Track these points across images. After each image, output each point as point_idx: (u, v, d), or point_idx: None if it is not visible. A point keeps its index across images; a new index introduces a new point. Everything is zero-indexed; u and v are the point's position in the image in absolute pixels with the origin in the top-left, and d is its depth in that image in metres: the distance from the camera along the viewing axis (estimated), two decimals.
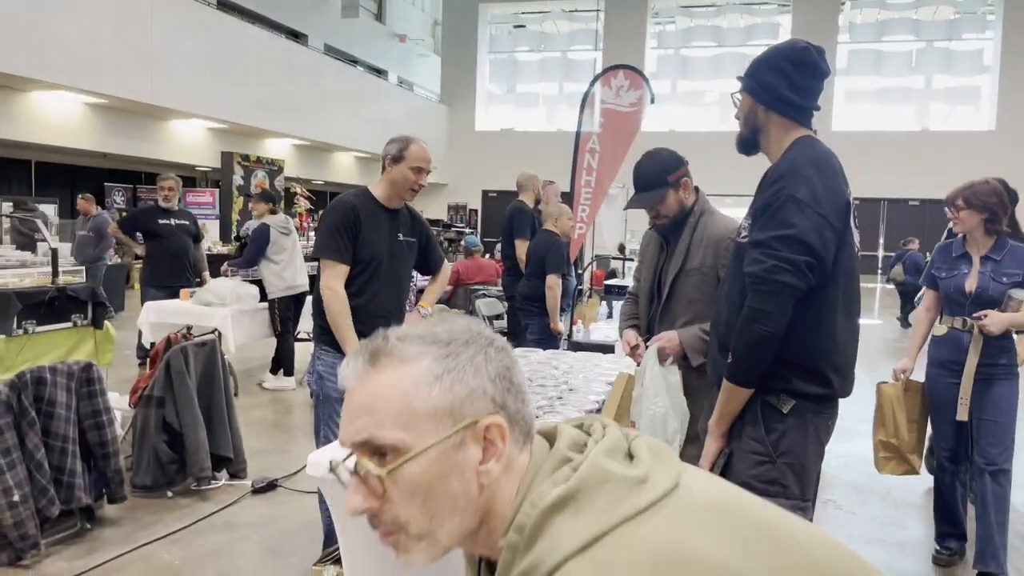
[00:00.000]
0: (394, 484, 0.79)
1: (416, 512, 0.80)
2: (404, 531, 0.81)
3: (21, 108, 11.25)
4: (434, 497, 0.80)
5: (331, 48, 19.57)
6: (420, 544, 0.82)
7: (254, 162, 15.44)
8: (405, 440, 0.79)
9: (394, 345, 0.83)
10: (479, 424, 0.81)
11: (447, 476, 0.80)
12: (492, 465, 0.82)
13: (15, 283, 4.45)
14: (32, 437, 3.20)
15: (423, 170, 3.08)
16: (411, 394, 0.80)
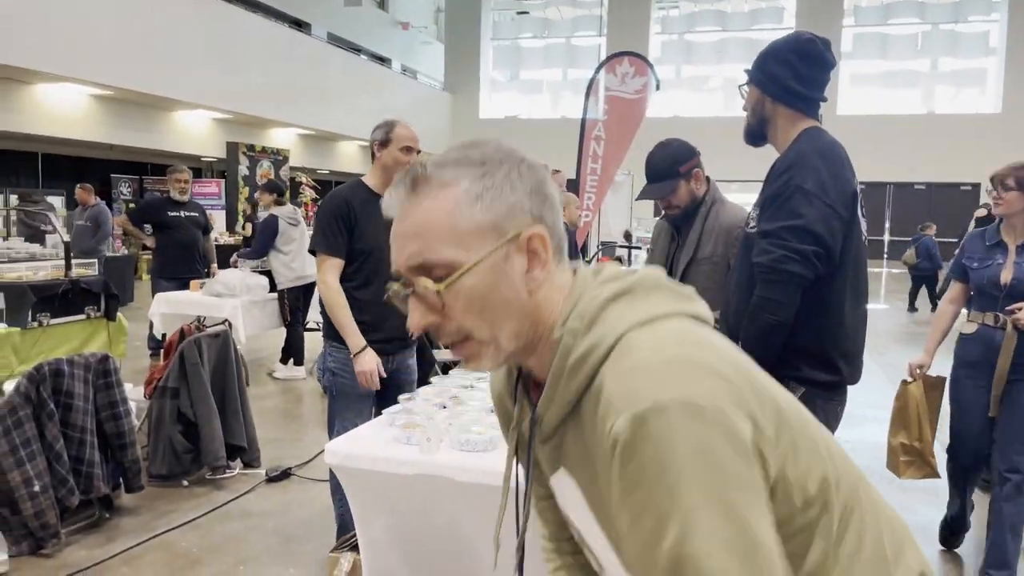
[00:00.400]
0: (452, 298, 0.86)
1: (476, 320, 0.87)
2: (470, 338, 0.88)
3: (27, 100, 11.29)
4: (490, 306, 0.87)
5: (334, 37, 19.54)
6: (487, 349, 0.89)
7: (259, 152, 15.47)
8: (456, 257, 0.85)
9: (432, 172, 0.88)
10: (521, 236, 0.87)
11: (498, 285, 0.87)
12: (538, 272, 0.89)
13: (28, 276, 4.50)
14: (51, 428, 3.25)
15: (412, 149, 3.07)
16: (455, 215, 0.86)
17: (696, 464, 0.74)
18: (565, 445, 0.91)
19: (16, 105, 11.11)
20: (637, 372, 0.79)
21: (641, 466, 0.75)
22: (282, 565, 3.27)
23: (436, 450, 2.36)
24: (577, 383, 0.85)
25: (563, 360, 0.86)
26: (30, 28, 9.85)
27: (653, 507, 0.75)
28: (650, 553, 0.76)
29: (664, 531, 0.74)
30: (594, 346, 0.84)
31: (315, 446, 4.78)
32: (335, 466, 2.38)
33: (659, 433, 0.74)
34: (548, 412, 0.89)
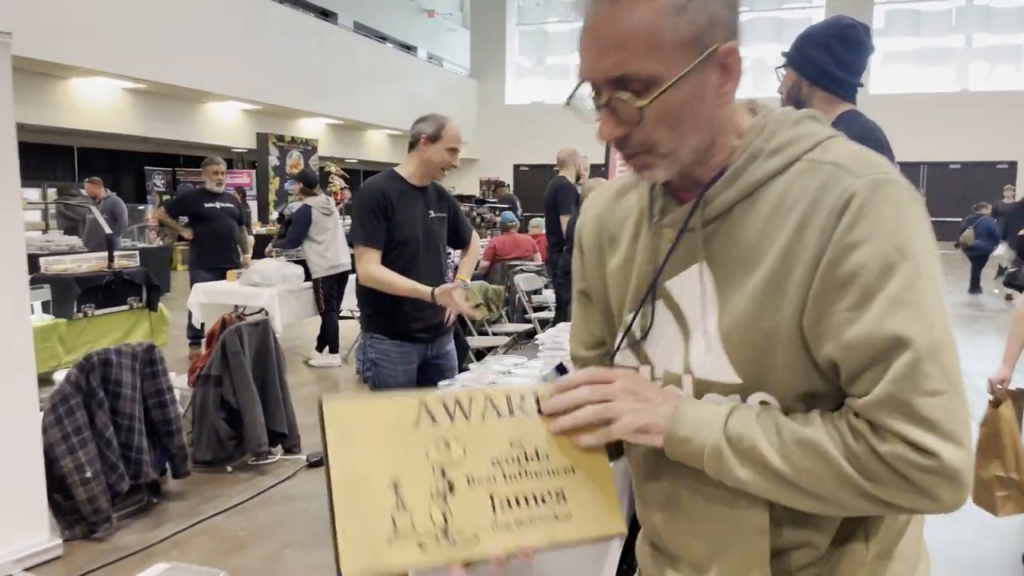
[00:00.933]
0: (649, 112, 0.86)
1: (664, 134, 0.87)
2: (652, 152, 0.89)
3: (62, 95, 11.49)
4: (681, 120, 0.87)
5: (360, 26, 19.58)
6: (664, 161, 0.90)
7: (289, 142, 15.59)
8: (658, 71, 0.84)
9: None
10: (720, 50, 0.87)
11: (693, 100, 0.87)
12: (730, 87, 0.90)
13: (73, 268, 4.61)
14: (101, 416, 3.35)
15: (456, 151, 3.11)
16: (660, 27, 0.84)
17: (923, 231, 0.84)
18: (718, 236, 0.92)
19: (52, 100, 11.31)
20: (864, 154, 0.88)
21: (876, 222, 0.82)
22: (326, 548, 3.34)
23: None
24: (775, 164, 0.89)
25: (764, 142, 0.90)
26: (64, 24, 10.01)
27: (882, 258, 0.81)
28: (866, 303, 0.81)
29: (889, 279, 0.81)
30: (801, 136, 0.91)
31: None
32: None
33: (896, 197, 0.83)
34: (723, 195, 0.91)
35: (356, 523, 0.85)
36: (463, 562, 0.87)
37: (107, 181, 14.37)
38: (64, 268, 4.52)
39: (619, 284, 1.03)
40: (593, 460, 0.95)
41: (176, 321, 7.79)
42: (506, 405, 0.94)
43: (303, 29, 15.29)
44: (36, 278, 4.45)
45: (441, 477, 0.88)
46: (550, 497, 0.92)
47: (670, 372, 0.96)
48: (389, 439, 0.88)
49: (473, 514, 0.88)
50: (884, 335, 0.81)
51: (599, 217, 1.08)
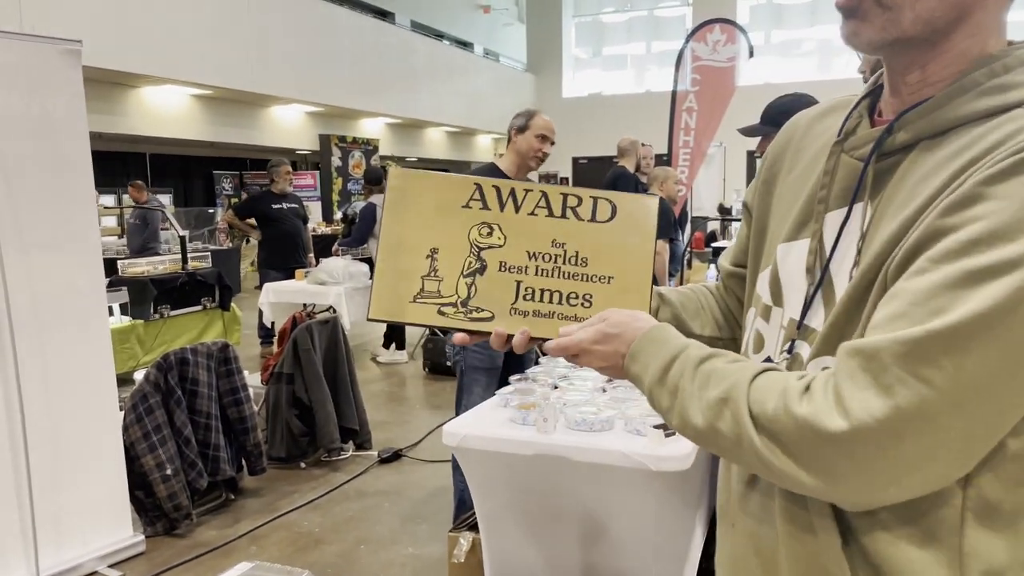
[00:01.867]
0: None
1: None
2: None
3: (133, 103, 11.84)
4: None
5: (417, 24, 19.71)
6: (882, 14, 0.75)
7: (350, 143, 15.81)
8: None
9: None
10: None
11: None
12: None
13: (149, 271, 4.73)
14: (179, 414, 3.42)
15: (547, 139, 3.24)
16: None
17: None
18: (890, 174, 0.78)
19: (123, 108, 11.68)
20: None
21: (1018, 181, 0.64)
22: (401, 544, 3.35)
23: (552, 430, 2.36)
24: (986, 104, 0.73)
25: (987, 76, 0.74)
26: (134, 35, 10.31)
27: (988, 226, 0.65)
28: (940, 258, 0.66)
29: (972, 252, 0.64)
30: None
31: (423, 428, 4.86)
32: (454, 447, 2.41)
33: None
34: (913, 124, 0.77)
35: (390, 278, 0.95)
36: (471, 331, 0.94)
37: (177, 186, 14.82)
38: (141, 271, 4.64)
39: (787, 202, 0.92)
40: (635, 279, 0.95)
41: (246, 320, 7.95)
42: (561, 205, 0.96)
43: (362, 30, 15.45)
44: (114, 281, 4.57)
45: (476, 256, 0.95)
46: (576, 299, 0.94)
47: (794, 320, 0.86)
48: (439, 211, 0.95)
49: (495, 295, 0.94)
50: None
51: (792, 129, 0.99)
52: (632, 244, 0.95)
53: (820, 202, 0.85)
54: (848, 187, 0.82)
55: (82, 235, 3.08)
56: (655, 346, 0.85)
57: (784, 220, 0.92)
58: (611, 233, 0.95)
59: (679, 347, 0.84)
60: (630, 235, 0.96)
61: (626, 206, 0.97)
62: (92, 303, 3.10)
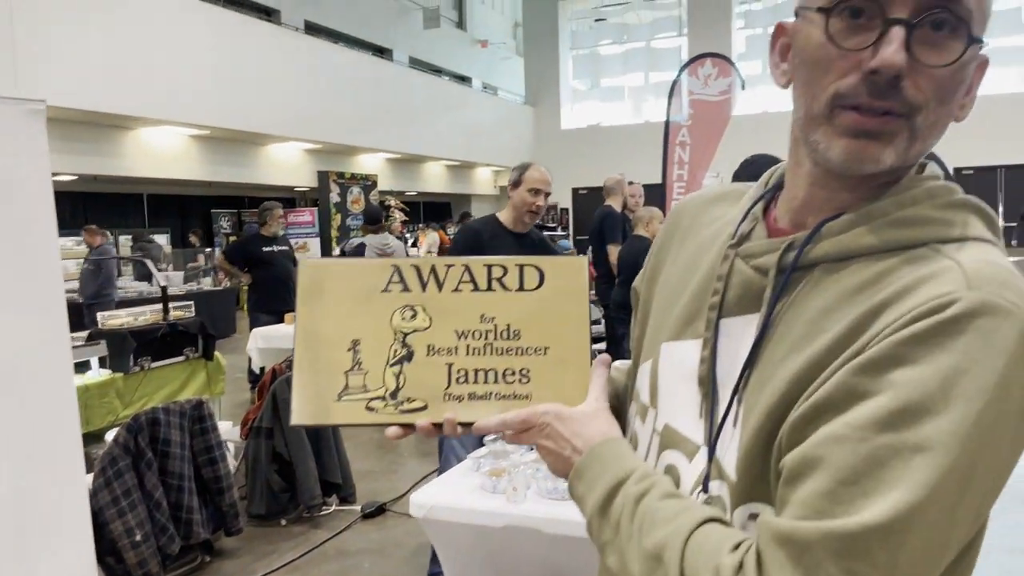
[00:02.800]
0: (939, 58, 0.69)
1: (933, 104, 0.69)
2: (907, 118, 0.69)
3: (131, 144, 11.88)
4: (949, 99, 0.70)
5: (415, 60, 19.85)
6: (905, 138, 0.70)
7: (349, 179, 15.83)
8: (980, 25, 0.70)
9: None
10: (981, 54, 0.72)
11: (961, 86, 0.71)
12: (969, 102, 0.74)
13: (129, 322, 4.65)
14: (150, 477, 3.32)
15: (540, 192, 3.30)
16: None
17: (998, 395, 0.61)
18: (790, 292, 0.74)
19: (121, 150, 11.71)
20: (1004, 274, 0.66)
21: (954, 351, 0.61)
22: None
23: (523, 499, 2.26)
24: (890, 237, 0.70)
25: (895, 206, 0.71)
26: (132, 78, 10.36)
27: (921, 392, 0.61)
28: (863, 426, 0.62)
29: (897, 425, 0.61)
30: (948, 222, 0.71)
31: (410, 477, 4.75)
32: (421, 519, 2.31)
33: (996, 339, 0.62)
34: (823, 245, 0.73)
35: (311, 376, 0.88)
36: (404, 424, 0.87)
37: (175, 225, 14.82)
38: (120, 323, 4.57)
39: (669, 294, 0.89)
40: (572, 347, 0.89)
41: (240, 363, 7.87)
42: (485, 277, 0.90)
43: (359, 68, 15.55)
44: (93, 334, 4.50)
45: (401, 343, 0.89)
46: (513, 375, 0.88)
47: (676, 432, 0.81)
48: (356, 300, 0.90)
49: (426, 382, 0.88)
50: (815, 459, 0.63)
51: (678, 215, 0.95)
52: (565, 310, 0.89)
53: (712, 308, 0.80)
54: (744, 296, 0.78)
55: (46, 294, 3.00)
56: (599, 466, 0.79)
57: (666, 314, 0.88)
58: (541, 301, 0.89)
59: (623, 474, 0.77)
60: (561, 300, 0.90)
61: (554, 270, 0.91)
62: (57, 364, 3.01)
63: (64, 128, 10.27)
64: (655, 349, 0.87)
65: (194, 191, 15.15)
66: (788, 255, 0.75)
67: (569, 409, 0.84)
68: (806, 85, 0.73)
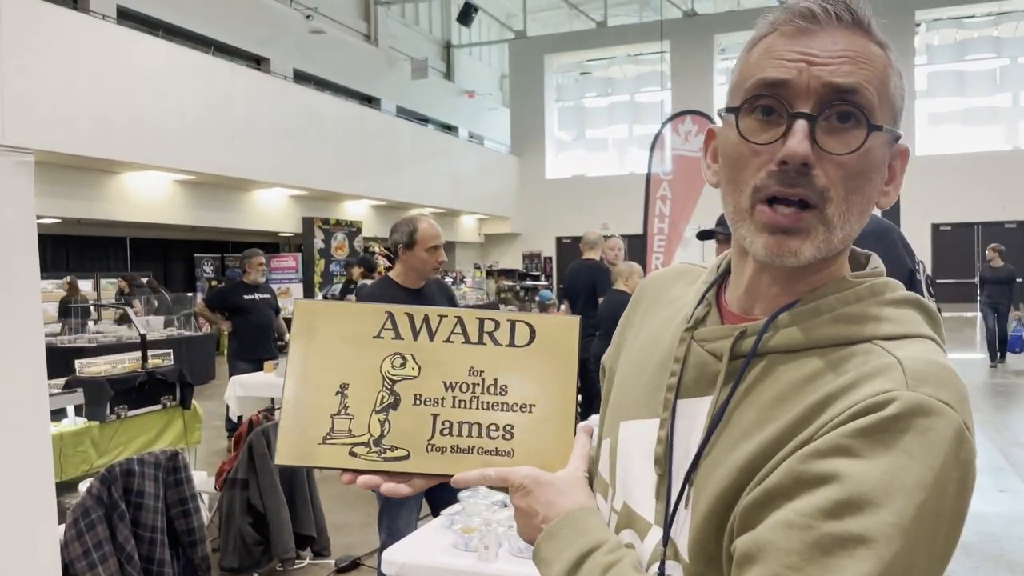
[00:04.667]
0: (842, 146, 0.73)
1: (842, 194, 0.73)
2: (819, 209, 0.73)
3: (114, 189, 11.91)
4: (860, 188, 0.75)
5: (403, 109, 20.13)
6: (821, 232, 0.74)
7: (334, 225, 15.91)
8: (879, 111, 0.74)
9: (871, 22, 0.76)
10: (898, 144, 0.78)
11: (875, 174, 0.76)
12: (891, 190, 0.78)
13: (107, 370, 4.64)
14: (122, 529, 3.29)
15: (438, 247, 3.20)
16: (888, 74, 0.76)
17: (935, 491, 0.65)
18: (743, 377, 0.77)
19: (105, 194, 11.74)
20: (943, 373, 0.70)
21: (883, 445, 0.65)
22: None
23: (495, 558, 2.27)
24: (833, 332, 0.74)
25: (840, 303, 0.76)
26: (118, 123, 10.45)
27: (856, 488, 0.64)
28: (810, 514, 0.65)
29: (842, 515, 0.64)
30: (891, 319, 0.75)
31: None
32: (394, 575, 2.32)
33: (932, 438, 0.66)
34: (775, 337, 0.76)
35: (297, 418, 0.88)
36: (386, 472, 0.87)
37: (156, 269, 14.78)
38: (98, 370, 4.55)
39: (630, 372, 0.91)
40: (557, 407, 0.89)
41: (219, 411, 7.81)
42: (477, 331, 0.91)
43: (347, 116, 15.75)
44: (71, 381, 4.48)
45: (389, 390, 0.89)
46: (496, 431, 0.88)
47: (632, 511, 0.84)
48: (347, 344, 0.90)
49: (410, 431, 0.88)
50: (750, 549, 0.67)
51: (643, 291, 0.98)
52: (553, 368, 0.90)
53: (669, 389, 0.82)
54: (700, 378, 0.81)
55: (26, 343, 3.01)
56: (572, 533, 0.81)
57: (627, 392, 0.90)
58: (530, 357, 0.90)
59: (593, 543, 0.79)
60: (550, 358, 0.90)
61: (546, 328, 0.91)
62: (33, 415, 3.01)
63: (49, 171, 10.31)
64: (615, 427, 0.89)
65: (177, 235, 15.17)
66: (740, 342, 0.78)
67: (548, 475, 0.85)
68: (729, 183, 0.78)
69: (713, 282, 0.87)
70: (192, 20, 14.11)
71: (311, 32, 16.79)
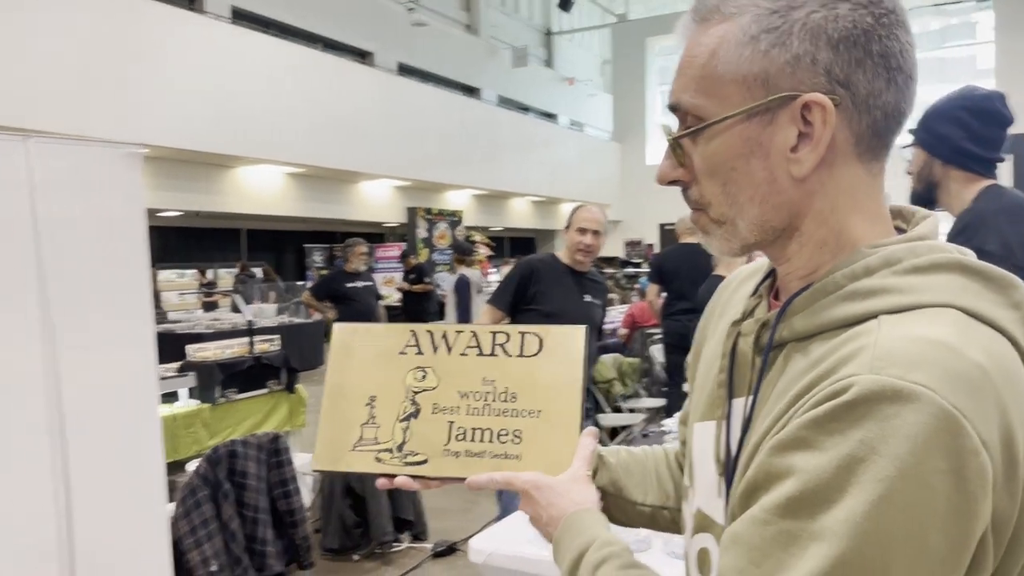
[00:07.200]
0: (693, 155, 0.74)
1: (717, 192, 0.73)
2: (706, 212, 0.75)
3: (229, 183, 12.46)
4: (734, 179, 0.71)
5: (504, 98, 20.18)
6: (719, 229, 0.75)
7: (436, 215, 16.15)
8: (705, 107, 0.71)
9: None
10: (798, 100, 0.67)
11: (749, 156, 0.70)
12: (805, 154, 0.69)
13: (217, 354, 4.83)
14: (227, 508, 3.41)
15: (587, 230, 3.39)
16: (718, 55, 0.70)
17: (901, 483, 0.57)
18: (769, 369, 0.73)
19: (221, 187, 12.29)
20: (924, 347, 0.60)
21: (840, 435, 0.59)
22: None
23: None
24: (846, 312, 0.67)
25: (848, 278, 0.68)
26: (233, 118, 10.90)
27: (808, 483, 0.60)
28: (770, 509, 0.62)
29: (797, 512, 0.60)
30: (904, 289, 0.65)
31: (485, 516, 4.72)
32: (480, 565, 2.29)
33: (896, 425, 0.57)
34: (788, 324, 0.71)
35: (332, 427, 0.98)
36: (408, 475, 0.95)
37: (269, 259, 15.39)
38: (209, 355, 4.75)
39: (702, 374, 0.90)
40: (563, 411, 0.95)
41: None
42: (490, 343, 0.98)
43: (449, 107, 15.92)
44: (184, 365, 4.70)
45: (411, 401, 0.97)
46: (506, 436, 0.95)
47: (706, 515, 0.83)
48: (377, 360, 1.00)
49: (429, 438, 0.96)
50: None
51: (720, 290, 0.96)
52: (559, 376, 0.95)
53: (721, 386, 0.81)
54: (743, 374, 0.78)
55: (138, 332, 3.15)
56: (568, 537, 0.85)
57: (698, 394, 0.89)
58: (538, 366, 0.96)
59: (585, 544, 0.83)
60: (557, 367, 0.96)
61: (553, 338, 0.97)
62: (144, 399, 3.16)
63: (170, 167, 10.89)
64: (691, 430, 0.89)
65: (289, 226, 15.73)
66: (763, 334, 0.76)
67: (547, 479, 0.89)
68: None
69: (768, 272, 0.83)
70: (300, 17, 14.55)
71: (413, 24, 17.03)
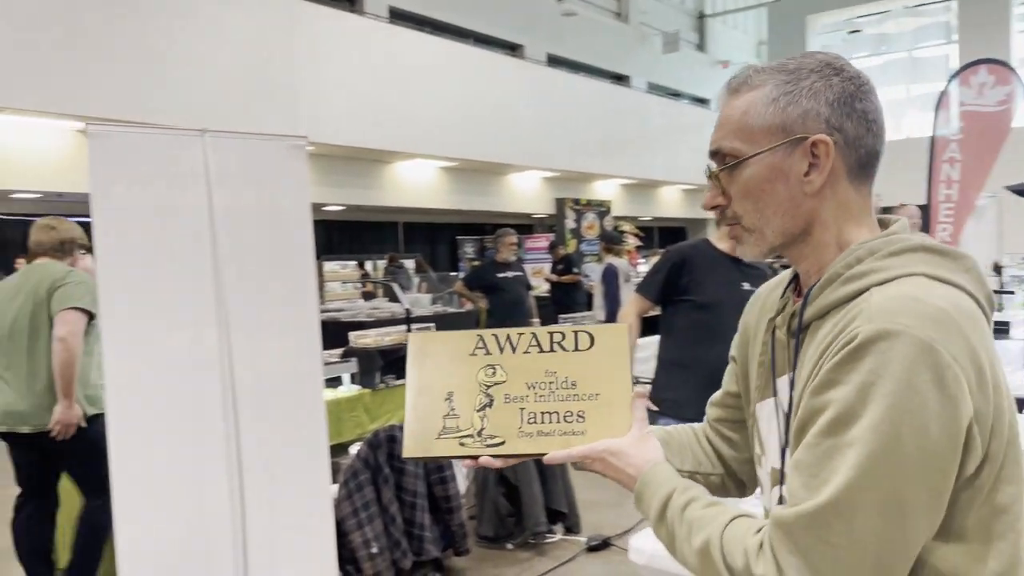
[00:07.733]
0: (730, 183, 1.01)
1: (749, 209, 1.01)
2: (740, 224, 1.02)
3: (387, 177, 12.91)
4: (762, 198, 0.99)
5: (654, 85, 19.76)
6: (751, 236, 1.02)
7: (584, 205, 16.05)
8: (741, 148, 1.00)
9: (751, 76, 1.01)
10: (807, 140, 0.96)
11: (774, 181, 0.99)
12: (814, 177, 0.97)
13: (378, 341, 4.98)
14: (386, 492, 3.49)
15: None
16: (749, 113, 0.99)
17: (905, 394, 0.82)
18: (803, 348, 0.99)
19: (378, 182, 12.75)
20: (903, 300, 0.87)
21: (855, 370, 0.85)
22: None
23: None
24: (845, 291, 0.94)
25: (845, 267, 0.95)
26: (391, 115, 11.27)
27: (840, 409, 0.86)
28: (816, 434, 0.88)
29: (836, 431, 0.86)
30: (887, 268, 0.92)
31: (635, 514, 4.60)
32: (641, 566, 2.19)
33: (892, 354, 0.83)
34: (810, 308, 0.97)
35: (417, 420, 1.12)
36: (490, 455, 1.10)
37: (424, 251, 15.84)
38: (369, 342, 4.89)
39: (755, 364, 1.13)
40: (617, 392, 1.11)
41: None
42: (548, 342, 1.14)
43: (598, 96, 15.75)
44: (347, 351, 4.87)
45: (485, 393, 1.12)
46: (571, 416, 1.10)
47: (779, 472, 1.04)
48: (451, 361, 1.15)
49: (504, 423, 1.11)
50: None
51: (756, 299, 1.20)
52: (610, 365, 1.12)
53: (763, 367, 1.09)
54: (783, 358, 1.04)
55: (305, 319, 3.27)
56: (651, 489, 1.03)
57: (753, 381, 1.13)
58: (592, 359, 1.13)
59: (668, 492, 1.01)
60: (607, 359, 1.12)
61: (602, 336, 1.14)
62: (310, 384, 3.27)
63: (333, 163, 11.40)
64: (752, 410, 1.14)
65: (442, 219, 16.13)
66: (792, 321, 1.02)
67: (617, 442, 1.07)
68: None
69: (795, 274, 1.08)
70: (453, 13, 14.84)
71: (563, 15, 16.96)
